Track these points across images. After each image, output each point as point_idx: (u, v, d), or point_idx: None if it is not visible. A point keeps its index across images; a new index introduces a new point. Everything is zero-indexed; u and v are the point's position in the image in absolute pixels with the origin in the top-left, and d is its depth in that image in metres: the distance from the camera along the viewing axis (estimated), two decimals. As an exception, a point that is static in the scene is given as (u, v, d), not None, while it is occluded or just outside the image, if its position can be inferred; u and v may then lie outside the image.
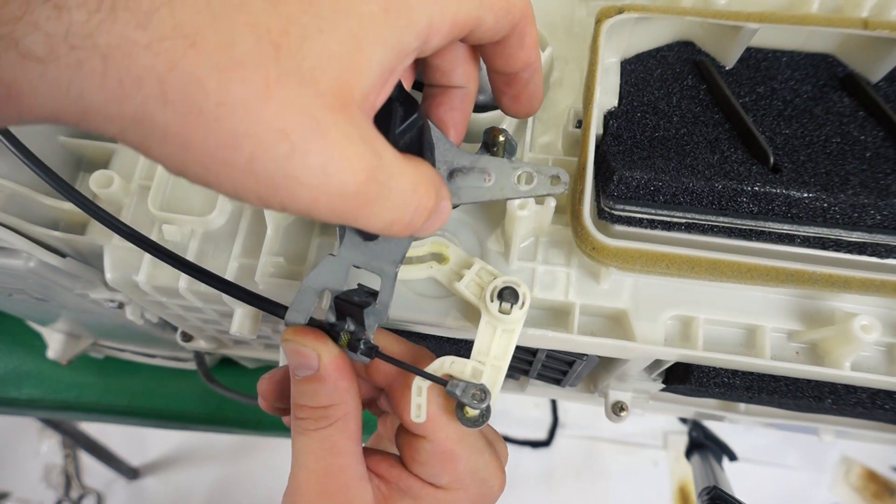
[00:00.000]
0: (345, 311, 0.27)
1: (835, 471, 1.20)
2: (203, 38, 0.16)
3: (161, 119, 0.16)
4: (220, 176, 0.17)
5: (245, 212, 0.37)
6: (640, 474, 1.26)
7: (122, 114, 0.16)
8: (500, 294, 0.28)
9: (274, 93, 0.16)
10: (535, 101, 0.28)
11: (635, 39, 0.36)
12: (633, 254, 0.30)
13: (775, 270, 0.30)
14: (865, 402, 0.36)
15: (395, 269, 0.27)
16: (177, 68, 0.15)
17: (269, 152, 0.17)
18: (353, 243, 0.27)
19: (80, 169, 0.41)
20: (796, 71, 0.37)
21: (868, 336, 0.29)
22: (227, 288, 0.28)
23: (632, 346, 0.32)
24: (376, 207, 0.20)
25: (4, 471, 1.36)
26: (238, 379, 0.71)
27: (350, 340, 0.27)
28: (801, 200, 0.30)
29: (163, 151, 0.17)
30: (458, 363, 0.28)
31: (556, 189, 0.27)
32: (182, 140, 0.16)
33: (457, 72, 0.26)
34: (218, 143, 0.16)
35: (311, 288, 0.27)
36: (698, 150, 0.33)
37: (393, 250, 0.27)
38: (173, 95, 0.16)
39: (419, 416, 0.27)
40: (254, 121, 0.16)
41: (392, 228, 0.21)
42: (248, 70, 0.16)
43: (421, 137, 0.25)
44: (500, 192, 0.27)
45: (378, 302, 0.27)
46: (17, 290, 0.46)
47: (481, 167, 0.27)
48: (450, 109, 0.27)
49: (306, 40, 0.17)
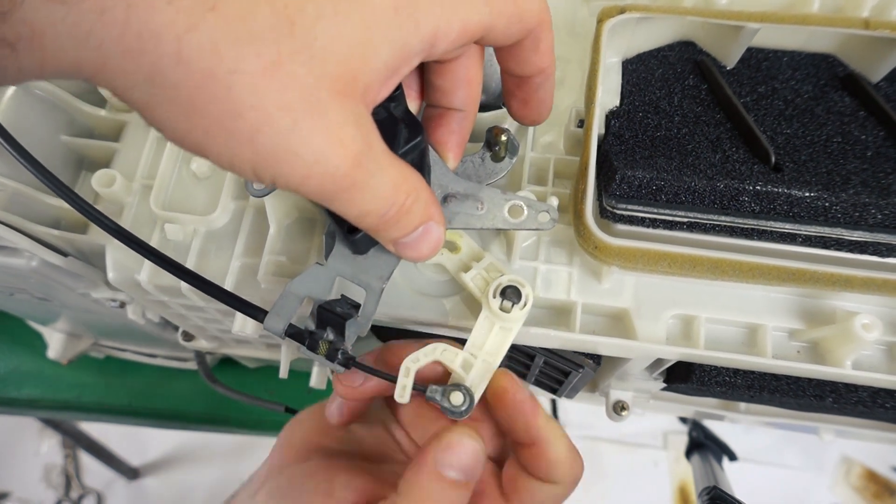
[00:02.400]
0: (326, 321, 0.27)
1: (835, 471, 1.20)
2: (224, 4, 0.16)
3: (172, 78, 0.16)
4: (220, 144, 0.17)
5: (247, 211, 0.37)
6: (640, 474, 1.26)
7: (138, 68, 0.16)
8: (503, 291, 0.28)
9: (284, 68, 0.17)
10: (544, 108, 0.28)
11: (637, 39, 0.36)
12: (635, 253, 0.31)
13: (777, 269, 0.30)
14: (866, 401, 0.36)
15: (381, 284, 0.27)
16: (196, 30, 0.16)
17: (272, 126, 0.17)
18: (343, 255, 0.27)
19: (83, 168, 0.41)
20: (797, 71, 0.37)
21: (869, 335, 0.29)
22: (202, 285, 0.28)
23: (633, 345, 0.32)
24: (357, 194, 0.20)
25: (4, 471, 1.36)
26: (239, 379, 0.71)
27: (328, 350, 0.26)
28: (802, 199, 0.31)
29: (167, 114, 0.17)
30: (450, 352, 0.28)
31: (544, 226, 0.28)
32: (189, 103, 0.17)
33: (457, 94, 0.26)
34: (223, 110, 0.17)
35: (294, 294, 0.27)
36: (700, 149, 0.33)
37: (381, 266, 0.27)
38: (188, 55, 0.16)
39: (402, 397, 0.26)
40: (262, 94, 0.17)
41: (365, 219, 0.21)
42: (261, 43, 0.16)
43: (422, 160, 0.25)
44: (490, 221, 0.28)
45: (361, 315, 0.27)
46: (19, 289, 0.46)
47: (475, 195, 0.28)
48: (448, 132, 0.27)
49: (321, 20, 0.17)
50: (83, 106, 0.39)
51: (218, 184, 0.37)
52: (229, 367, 0.72)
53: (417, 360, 0.27)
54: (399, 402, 0.27)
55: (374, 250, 0.27)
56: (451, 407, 0.27)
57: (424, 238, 0.24)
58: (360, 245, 0.26)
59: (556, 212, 0.28)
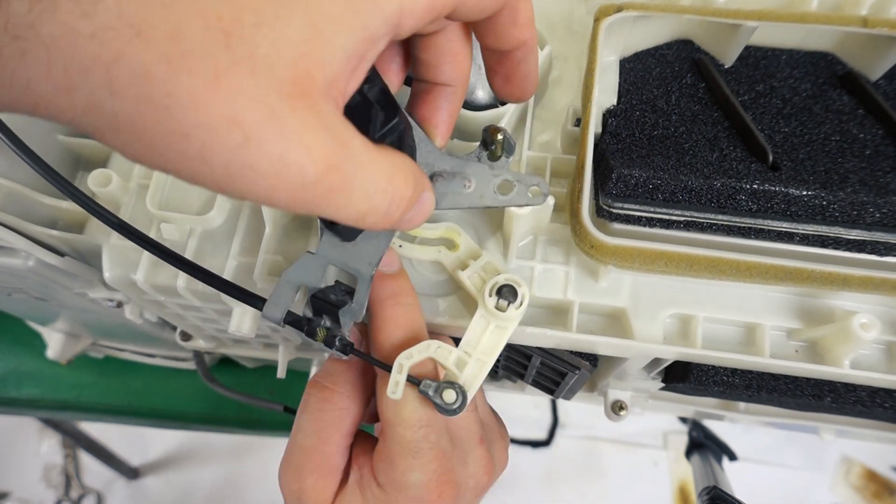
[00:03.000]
0: (321, 309, 0.27)
1: (835, 471, 1.20)
2: (150, 27, 0.15)
3: (110, 108, 0.16)
4: (177, 164, 0.17)
5: (244, 211, 0.37)
6: (639, 474, 1.26)
7: (72, 104, 0.16)
8: (499, 290, 0.28)
9: (223, 82, 0.16)
10: (529, 83, 0.26)
11: (634, 38, 0.36)
12: (632, 252, 0.30)
13: (774, 268, 0.30)
14: (865, 401, 0.36)
15: (371, 270, 0.27)
16: (124, 57, 0.15)
17: (221, 142, 0.17)
18: (331, 243, 0.27)
19: (79, 168, 0.41)
20: (795, 69, 0.36)
21: (867, 334, 0.29)
22: (201, 275, 0.28)
23: (630, 345, 0.32)
24: (344, 197, 0.19)
25: (4, 471, 1.37)
26: (238, 378, 0.71)
27: (326, 337, 0.27)
28: (800, 198, 0.30)
29: (117, 140, 0.17)
30: (444, 349, 0.28)
31: (535, 200, 0.27)
32: (133, 130, 0.16)
33: (444, 68, 0.25)
34: (169, 132, 0.16)
35: (288, 283, 0.27)
36: (697, 148, 0.33)
37: (370, 252, 0.27)
38: (120, 85, 0.15)
39: (395, 393, 0.27)
40: (203, 111, 0.16)
41: (367, 219, 0.21)
42: (196, 59, 0.16)
43: (401, 141, 0.24)
44: (479, 199, 0.27)
45: (354, 302, 0.27)
46: (16, 289, 0.46)
47: (462, 172, 0.27)
48: (435, 108, 0.26)
49: (261, 27, 0.17)
50: (80, 105, 0.39)
51: (214, 183, 0.37)
52: (228, 366, 0.72)
53: (411, 356, 0.27)
54: (392, 398, 0.27)
55: (362, 237, 0.27)
56: (442, 404, 0.27)
57: (419, 210, 0.23)
58: (345, 233, 0.26)
59: (547, 185, 0.27)
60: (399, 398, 0.27)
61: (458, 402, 0.27)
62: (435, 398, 0.27)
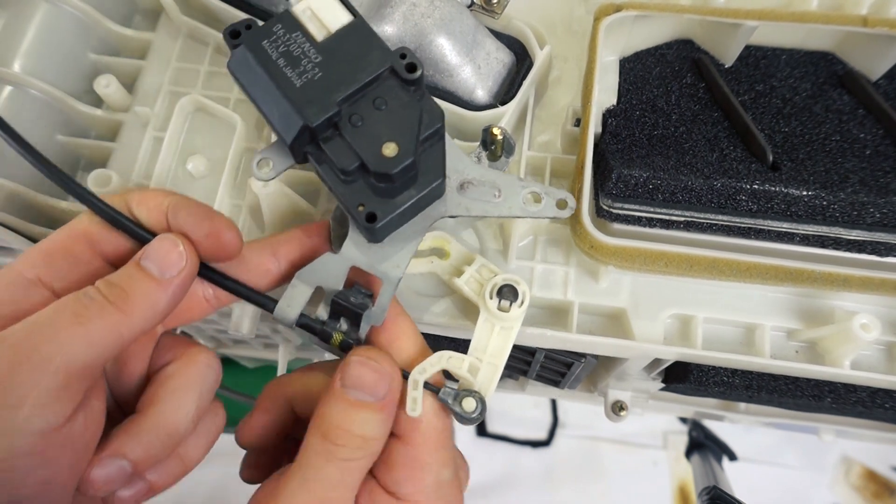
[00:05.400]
0: (340, 312, 0.26)
1: (835, 471, 1.20)
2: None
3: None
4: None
5: (243, 211, 0.37)
6: (639, 474, 1.25)
7: None
8: (499, 291, 0.28)
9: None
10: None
11: (634, 37, 0.36)
12: (632, 252, 0.30)
13: (774, 269, 0.30)
14: (865, 401, 0.36)
15: (399, 274, 0.26)
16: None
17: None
18: (357, 243, 0.26)
19: (79, 168, 0.41)
20: (795, 69, 0.36)
21: (867, 335, 0.29)
22: (212, 276, 0.27)
23: (631, 345, 0.32)
24: None
25: (4, 471, 1.36)
26: (237, 379, 0.71)
27: (342, 341, 0.26)
28: (800, 198, 0.30)
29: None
30: (456, 359, 0.27)
31: (562, 213, 0.27)
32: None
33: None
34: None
35: (304, 283, 0.26)
36: (697, 148, 0.33)
37: (398, 254, 0.26)
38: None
39: (414, 410, 0.25)
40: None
41: None
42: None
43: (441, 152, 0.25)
44: (507, 209, 0.27)
45: (376, 306, 0.26)
46: (15, 289, 0.46)
47: (491, 181, 0.27)
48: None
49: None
50: (79, 106, 0.39)
51: (214, 184, 0.37)
52: (228, 366, 0.72)
53: (424, 370, 0.26)
54: (411, 415, 0.25)
55: (391, 238, 0.26)
56: (462, 412, 0.26)
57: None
58: (378, 234, 0.25)
59: (574, 200, 0.27)
60: (418, 415, 0.25)
61: (477, 411, 0.26)
62: (454, 406, 0.26)
